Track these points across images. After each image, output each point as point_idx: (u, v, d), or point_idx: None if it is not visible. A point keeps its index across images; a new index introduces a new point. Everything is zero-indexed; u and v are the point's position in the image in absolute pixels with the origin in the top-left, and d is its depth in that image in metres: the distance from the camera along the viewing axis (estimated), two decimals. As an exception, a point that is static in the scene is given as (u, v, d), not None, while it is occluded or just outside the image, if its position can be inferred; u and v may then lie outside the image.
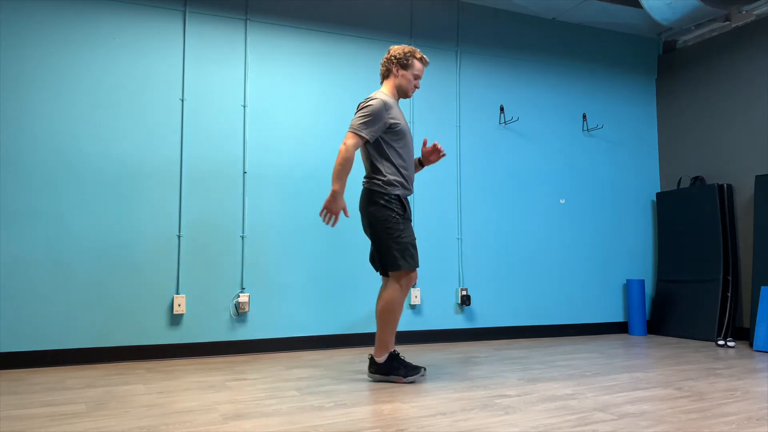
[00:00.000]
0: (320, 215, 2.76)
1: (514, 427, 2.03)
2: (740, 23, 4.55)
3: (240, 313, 3.67)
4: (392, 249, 2.74)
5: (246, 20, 3.84)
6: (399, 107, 2.90)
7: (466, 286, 4.30)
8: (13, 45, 3.30)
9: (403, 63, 2.89)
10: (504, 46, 4.60)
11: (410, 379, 2.78)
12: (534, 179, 4.63)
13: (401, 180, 2.81)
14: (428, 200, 4.24)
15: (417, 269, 2.82)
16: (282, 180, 3.86)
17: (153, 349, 3.46)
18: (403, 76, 2.90)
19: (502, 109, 4.56)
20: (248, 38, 3.84)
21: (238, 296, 3.67)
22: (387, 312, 2.78)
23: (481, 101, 4.50)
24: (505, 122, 4.55)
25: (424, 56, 2.95)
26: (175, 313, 3.51)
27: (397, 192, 2.79)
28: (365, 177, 2.85)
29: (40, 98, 3.34)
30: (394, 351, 2.96)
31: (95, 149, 3.43)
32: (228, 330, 3.64)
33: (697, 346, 4.08)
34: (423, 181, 4.20)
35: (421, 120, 4.26)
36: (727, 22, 4.61)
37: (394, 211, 2.77)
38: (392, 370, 2.79)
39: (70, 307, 3.31)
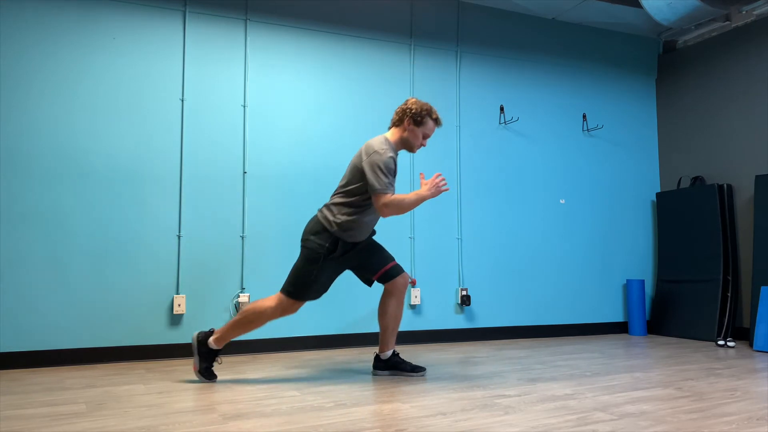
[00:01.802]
0: (441, 190, 2.76)
1: (514, 427, 2.03)
2: (740, 23, 4.55)
3: (240, 313, 3.67)
4: (295, 278, 2.76)
5: (246, 20, 3.84)
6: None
7: (466, 286, 4.30)
8: (13, 45, 3.30)
9: (416, 119, 2.82)
10: (504, 46, 4.60)
11: None
12: (534, 179, 4.63)
13: (352, 231, 2.77)
14: (428, 200, 4.24)
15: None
16: (282, 180, 3.86)
17: (153, 349, 3.46)
18: (412, 131, 2.84)
19: (502, 109, 4.56)
20: (248, 38, 3.84)
21: (238, 296, 3.67)
22: (250, 319, 2.77)
23: (481, 101, 4.50)
24: (505, 122, 4.55)
25: (440, 118, 2.90)
26: (175, 313, 3.51)
27: (341, 236, 2.75)
28: (325, 204, 2.83)
29: (41, 98, 3.34)
30: (394, 351, 2.97)
31: (95, 149, 3.43)
32: (228, 330, 3.63)
33: (697, 346, 4.08)
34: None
35: (421, 120, 4.26)
36: (727, 22, 4.61)
37: (325, 249, 2.73)
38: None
39: (70, 307, 3.31)
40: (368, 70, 4.15)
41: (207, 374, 2.80)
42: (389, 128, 2.92)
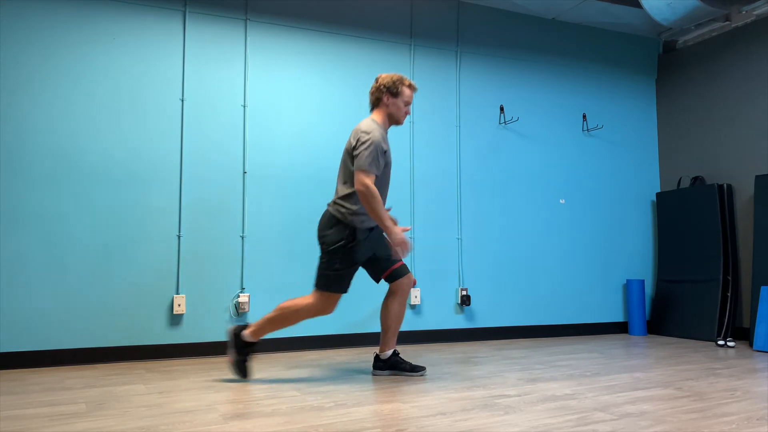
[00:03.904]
0: (398, 257, 2.81)
1: (514, 427, 2.03)
2: (740, 23, 4.55)
3: (240, 313, 3.67)
4: (323, 274, 2.78)
5: (246, 20, 3.84)
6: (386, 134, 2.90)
7: (466, 286, 4.30)
8: (13, 45, 3.30)
9: (393, 91, 2.87)
10: (504, 46, 4.60)
11: None
12: (534, 179, 4.63)
13: (367, 216, 2.79)
14: (428, 200, 4.24)
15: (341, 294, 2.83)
16: (282, 180, 3.86)
17: (153, 349, 3.46)
18: (393, 104, 2.89)
19: (502, 109, 4.56)
20: (248, 38, 3.84)
21: (238, 296, 3.67)
22: (283, 317, 2.79)
23: (481, 101, 4.50)
24: (505, 122, 4.55)
25: (413, 83, 2.94)
26: (175, 313, 3.51)
27: (356, 225, 2.78)
28: (333, 200, 2.84)
29: (41, 98, 3.34)
30: (395, 351, 2.97)
31: (95, 149, 3.43)
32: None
33: (697, 346, 4.08)
34: (423, 181, 4.20)
35: (422, 120, 4.26)
36: (727, 22, 4.60)
37: (345, 239, 2.76)
38: (241, 350, 2.82)
39: (70, 307, 3.31)
40: (368, 70, 4.15)
41: (240, 368, 2.83)
42: (371, 110, 2.95)
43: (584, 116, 4.86)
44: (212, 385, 2.71)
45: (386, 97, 2.88)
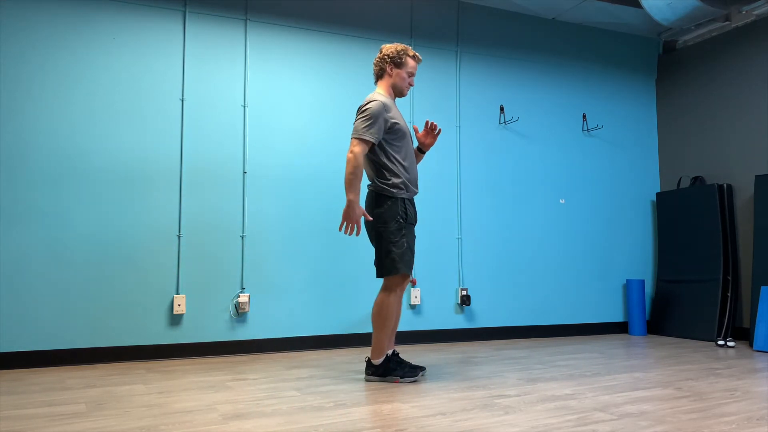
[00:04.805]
0: (340, 230, 2.75)
1: (514, 427, 2.03)
2: (740, 23, 4.55)
3: (240, 313, 3.67)
4: (392, 253, 2.74)
5: (246, 20, 3.84)
6: (396, 107, 2.89)
7: (466, 286, 4.30)
8: (13, 45, 3.30)
9: (396, 61, 2.86)
10: (504, 46, 4.60)
11: (408, 379, 2.78)
12: (534, 179, 4.63)
13: (405, 182, 2.81)
14: (428, 200, 4.24)
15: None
16: (282, 180, 3.86)
17: (153, 349, 3.46)
18: (397, 74, 2.87)
19: (502, 109, 4.56)
20: (248, 38, 3.84)
21: (238, 296, 3.67)
22: (382, 317, 2.77)
23: (481, 101, 4.50)
24: (505, 122, 4.55)
25: (417, 53, 2.93)
26: (175, 313, 3.51)
27: (402, 195, 2.79)
28: (370, 181, 2.84)
29: (41, 98, 3.34)
30: (394, 351, 2.97)
31: (95, 149, 3.43)
32: (228, 330, 3.64)
33: (697, 346, 4.08)
34: (423, 180, 4.20)
35: (422, 120, 4.26)
36: (727, 22, 4.60)
37: (398, 214, 2.76)
38: (389, 372, 2.79)
39: (71, 306, 3.31)
40: (368, 70, 4.14)
41: (411, 373, 2.81)
42: (375, 83, 2.94)
43: (584, 116, 4.86)
44: (212, 385, 2.71)
45: (389, 68, 2.87)
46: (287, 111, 3.92)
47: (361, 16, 4.15)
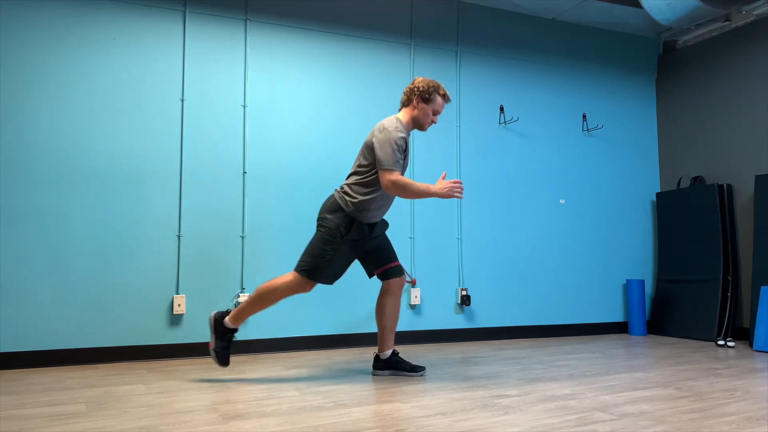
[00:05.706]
0: (454, 195, 2.78)
1: (514, 427, 2.03)
2: (740, 23, 4.55)
3: (240, 313, 3.67)
4: (313, 257, 2.75)
5: (246, 20, 3.84)
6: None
7: (466, 286, 4.30)
8: (13, 45, 3.30)
9: (424, 96, 2.85)
10: (504, 46, 4.60)
11: None
12: (534, 179, 4.63)
13: (366, 210, 2.79)
14: (428, 200, 4.24)
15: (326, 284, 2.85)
16: (282, 180, 3.86)
17: (153, 349, 3.46)
18: (422, 109, 2.86)
19: (502, 109, 4.56)
20: (248, 38, 3.84)
21: (238, 296, 3.67)
22: (262, 299, 2.79)
23: (481, 101, 4.50)
24: (505, 122, 4.55)
25: (447, 93, 2.91)
26: (175, 313, 3.51)
27: (354, 216, 2.77)
28: (341, 186, 2.85)
29: (41, 98, 3.34)
30: (394, 351, 2.98)
31: (95, 149, 3.43)
32: (228, 330, 3.63)
33: (697, 346, 4.08)
34: (423, 180, 4.20)
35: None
36: (727, 22, 4.60)
37: (339, 228, 2.75)
38: (221, 332, 2.83)
39: (70, 306, 3.31)
40: (368, 70, 4.15)
41: (221, 356, 2.82)
42: (399, 109, 2.94)
43: (584, 116, 4.86)
44: (212, 385, 2.71)
45: (416, 100, 2.86)
46: (287, 111, 3.92)
47: (361, 16, 4.15)
